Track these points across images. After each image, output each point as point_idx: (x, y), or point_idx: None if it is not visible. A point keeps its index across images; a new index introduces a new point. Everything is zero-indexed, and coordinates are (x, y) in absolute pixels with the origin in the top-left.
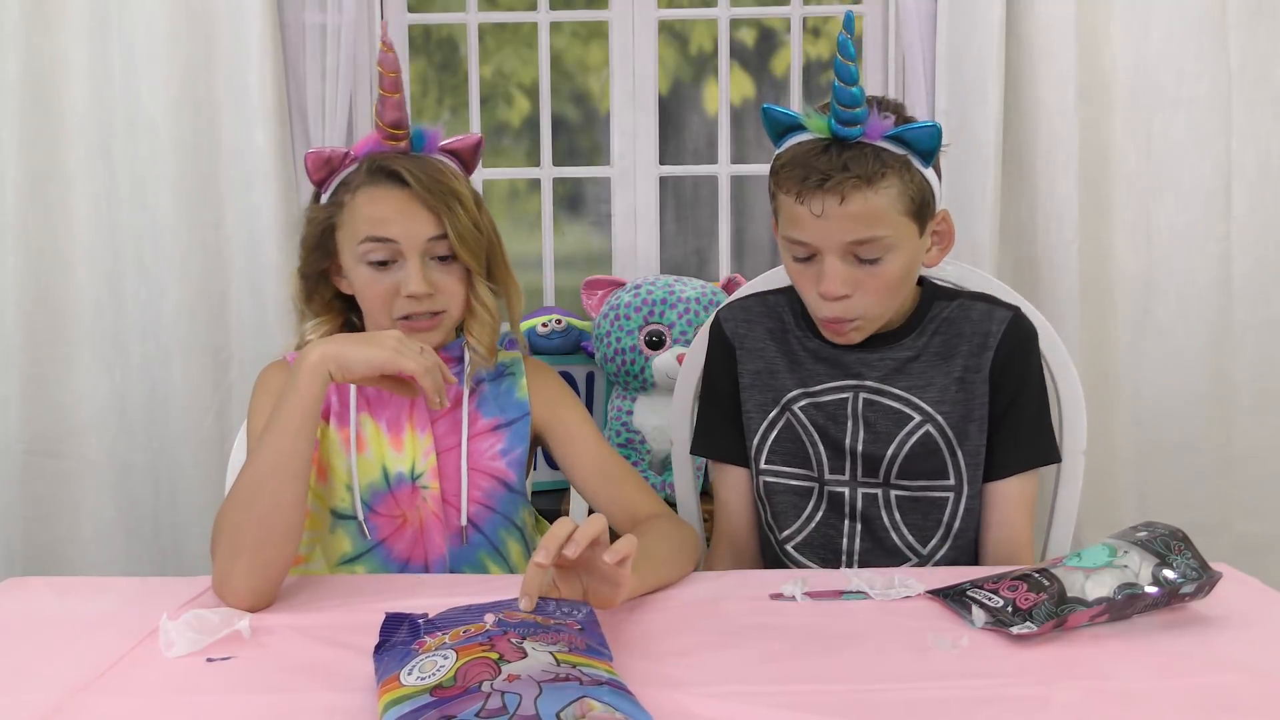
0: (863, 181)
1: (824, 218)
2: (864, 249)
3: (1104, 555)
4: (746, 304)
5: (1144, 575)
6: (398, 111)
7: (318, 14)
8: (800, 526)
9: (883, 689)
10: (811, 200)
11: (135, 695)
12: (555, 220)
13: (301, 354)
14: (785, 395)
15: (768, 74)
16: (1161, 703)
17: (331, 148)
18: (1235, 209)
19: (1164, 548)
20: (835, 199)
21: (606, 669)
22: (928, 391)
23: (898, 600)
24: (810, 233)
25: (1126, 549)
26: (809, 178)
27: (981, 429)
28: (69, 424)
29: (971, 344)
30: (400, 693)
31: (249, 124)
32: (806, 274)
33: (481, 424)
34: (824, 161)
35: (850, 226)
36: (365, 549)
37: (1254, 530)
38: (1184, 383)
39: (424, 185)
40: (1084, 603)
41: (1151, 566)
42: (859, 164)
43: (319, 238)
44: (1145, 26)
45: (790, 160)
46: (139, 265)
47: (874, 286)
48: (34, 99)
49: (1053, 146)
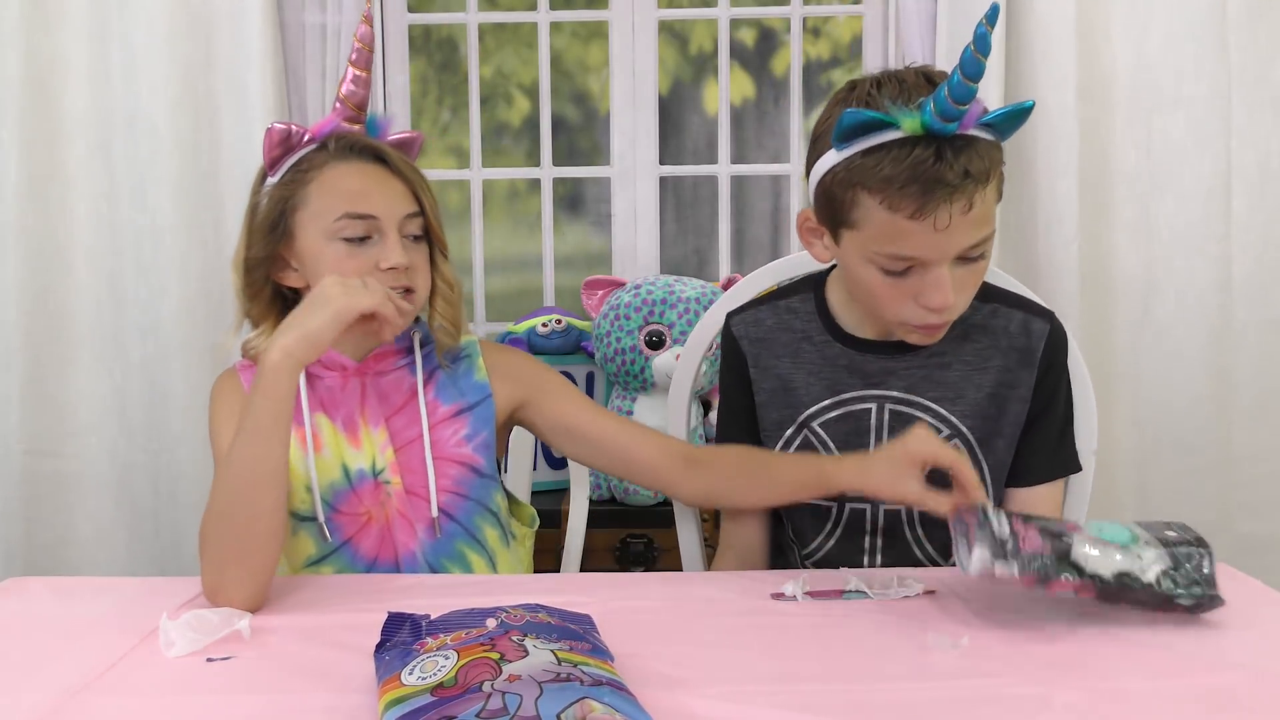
0: (983, 183)
1: (947, 230)
2: (976, 249)
3: (1124, 536)
4: (759, 314)
5: (1149, 574)
6: (365, 90)
7: (318, 14)
8: (820, 544)
9: (883, 689)
10: (939, 214)
11: (135, 695)
12: (555, 220)
13: (262, 355)
14: (803, 413)
15: (768, 74)
16: (1161, 703)
17: (291, 124)
18: (1235, 209)
19: (1184, 558)
20: (963, 207)
21: (607, 669)
22: (957, 404)
23: (898, 600)
24: (924, 247)
25: (1148, 541)
26: (933, 191)
27: (1010, 444)
28: (69, 424)
29: (1009, 359)
30: (401, 692)
31: (249, 124)
32: (901, 286)
33: (442, 411)
34: (941, 170)
35: (971, 232)
36: (329, 550)
37: (1254, 530)
38: (1184, 382)
39: (398, 160)
40: (1079, 571)
41: (1160, 569)
42: (975, 164)
43: (277, 218)
44: (1145, 26)
45: (893, 170)
46: (139, 265)
47: (973, 282)
48: (34, 99)
49: (1053, 146)
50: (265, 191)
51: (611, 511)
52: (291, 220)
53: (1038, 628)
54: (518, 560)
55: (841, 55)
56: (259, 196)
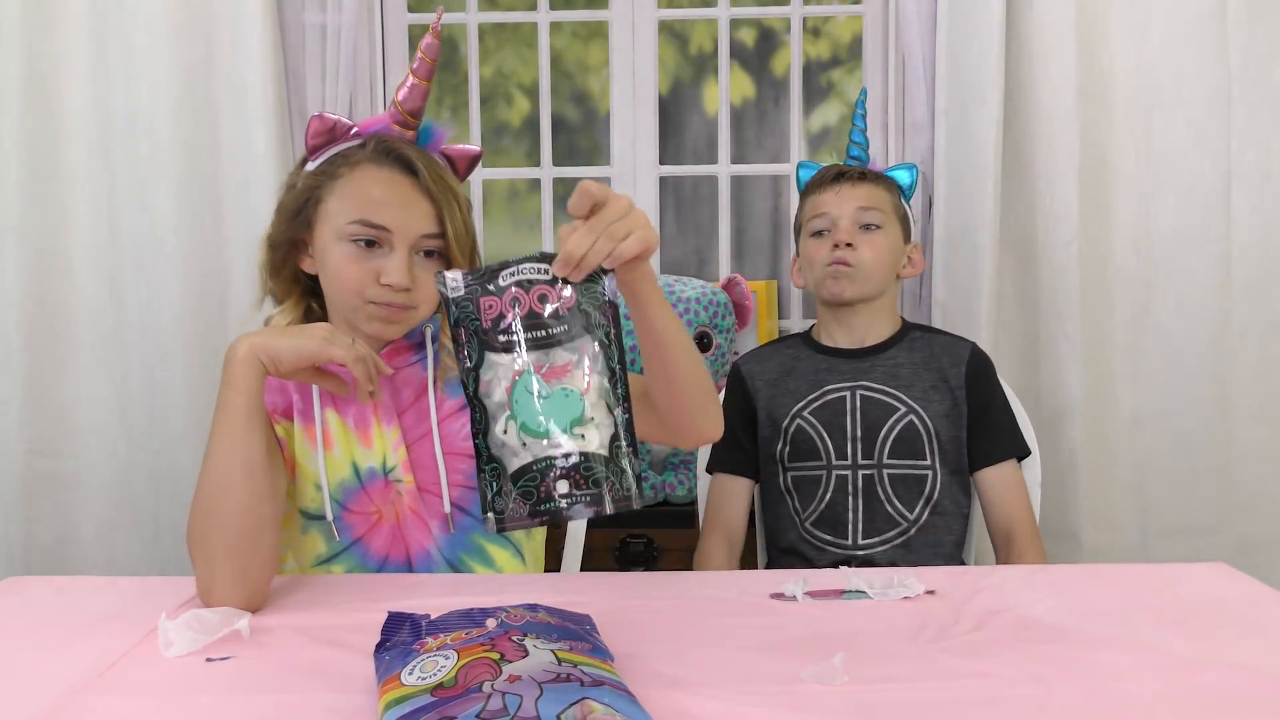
0: (868, 178)
1: (840, 194)
2: (867, 215)
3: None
4: (761, 353)
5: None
6: (421, 100)
7: (318, 14)
8: (815, 506)
9: (883, 689)
10: (837, 185)
11: (135, 695)
12: (555, 220)
13: (230, 348)
14: (794, 406)
15: (768, 74)
16: (1161, 703)
17: (338, 117)
18: (1235, 209)
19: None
20: (850, 183)
21: (607, 669)
22: (911, 390)
23: (898, 600)
24: (829, 204)
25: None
26: (830, 174)
27: (956, 424)
28: (69, 424)
29: (943, 360)
30: (401, 692)
31: (249, 125)
32: (822, 243)
33: (449, 406)
34: (839, 167)
35: (859, 198)
36: (339, 549)
37: (1254, 530)
38: (1184, 383)
39: (431, 177)
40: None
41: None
42: (868, 172)
43: (301, 205)
44: (1145, 27)
45: (819, 174)
46: (139, 265)
47: (870, 246)
48: (34, 99)
49: (1053, 147)
50: (301, 176)
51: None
52: (313, 211)
53: (1038, 628)
54: (535, 548)
55: (841, 55)
56: (295, 178)
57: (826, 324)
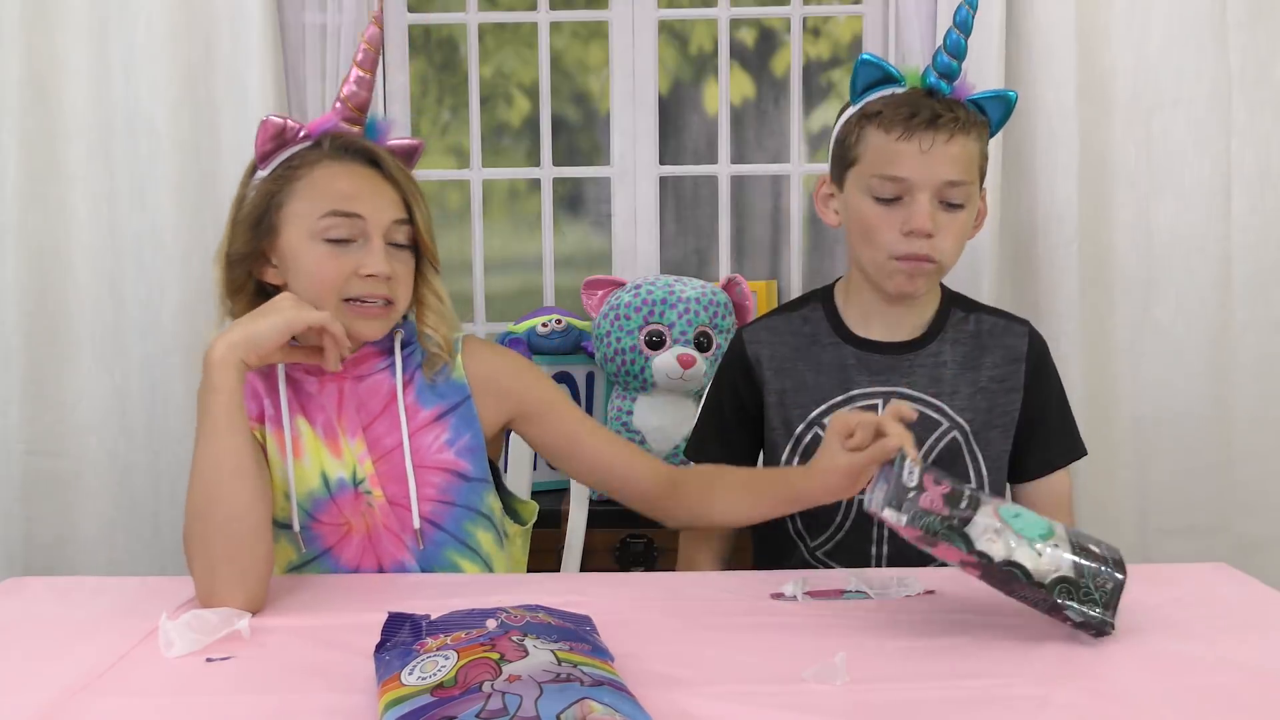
0: (965, 127)
1: (928, 155)
2: (954, 192)
3: (1037, 530)
4: (771, 323)
5: (1042, 572)
6: (367, 91)
7: (318, 14)
8: (830, 535)
9: (883, 689)
10: (922, 136)
11: (135, 695)
12: (555, 220)
13: (207, 352)
14: (814, 410)
15: (768, 74)
16: (1161, 703)
17: (287, 119)
18: (1235, 209)
19: (1090, 573)
20: (944, 136)
21: (607, 669)
22: (955, 399)
23: (898, 600)
24: (910, 168)
25: (1061, 544)
26: (917, 114)
27: (1005, 435)
28: (69, 424)
29: (995, 356)
30: (401, 692)
31: (249, 124)
32: (889, 216)
33: (423, 416)
34: (931, 102)
35: (949, 167)
36: (310, 557)
37: (1254, 530)
38: (1184, 382)
39: (393, 165)
40: (968, 544)
41: (1058, 575)
42: (960, 111)
43: (262, 213)
44: (1145, 27)
45: (893, 101)
46: (139, 265)
47: (953, 231)
48: (34, 99)
49: (1053, 146)
50: (253, 185)
51: (611, 511)
52: (276, 216)
53: (1038, 628)
54: (511, 560)
55: (841, 55)
56: (246, 189)
57: (866, 312)
